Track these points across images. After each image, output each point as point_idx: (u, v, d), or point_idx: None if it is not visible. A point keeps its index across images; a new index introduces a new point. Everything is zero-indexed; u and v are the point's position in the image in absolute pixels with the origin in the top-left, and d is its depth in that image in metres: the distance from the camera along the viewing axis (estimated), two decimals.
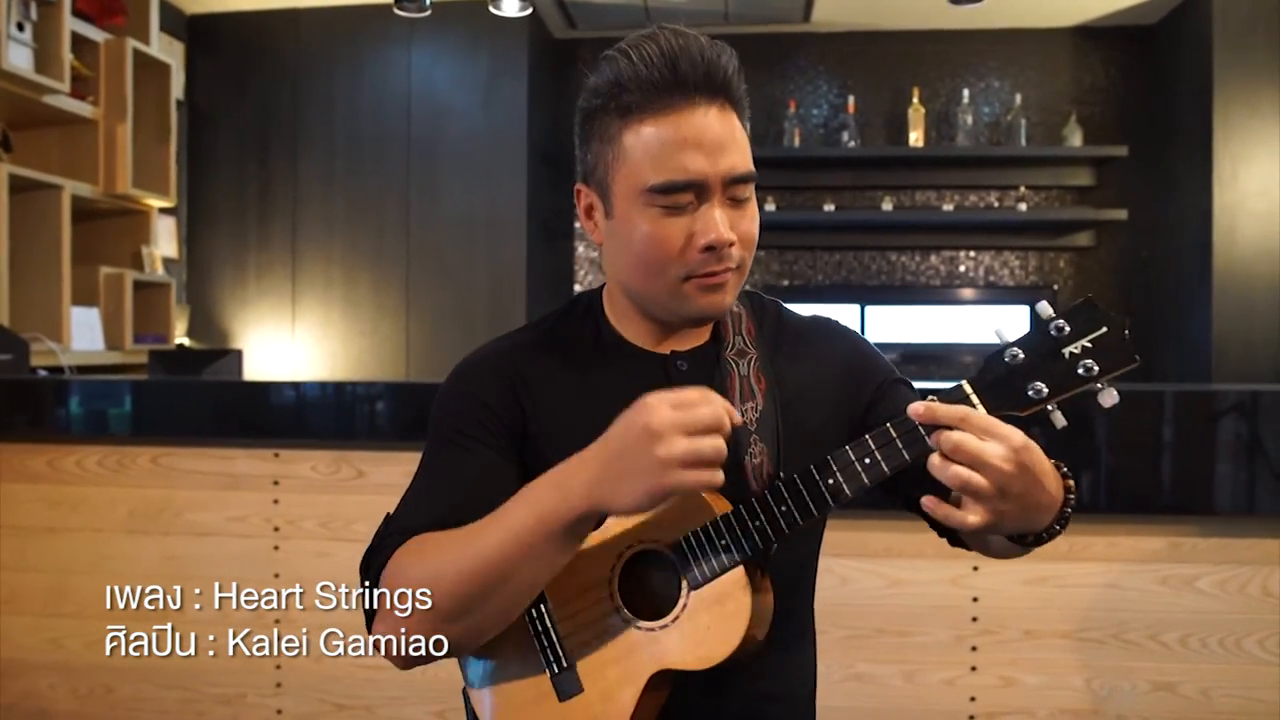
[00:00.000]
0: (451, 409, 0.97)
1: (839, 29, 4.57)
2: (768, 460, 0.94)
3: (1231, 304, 3.96)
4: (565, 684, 0.90)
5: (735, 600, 0.87)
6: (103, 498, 2.17)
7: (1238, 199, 3.99)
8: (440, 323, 4.18)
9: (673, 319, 0.95)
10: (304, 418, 2.10)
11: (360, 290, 4.22)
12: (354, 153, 4.20)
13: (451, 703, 2.08)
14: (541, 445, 0.94)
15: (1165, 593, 1.92)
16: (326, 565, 2.09)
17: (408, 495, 0.96)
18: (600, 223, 0.95)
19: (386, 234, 4.19)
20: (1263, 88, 3.98)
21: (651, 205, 0.88)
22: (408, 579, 0.86)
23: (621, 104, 0.88)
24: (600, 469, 0.81)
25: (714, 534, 0.87)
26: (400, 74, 4.19)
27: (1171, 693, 1.92)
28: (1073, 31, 4.59)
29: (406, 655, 0.86)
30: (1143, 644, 1.94)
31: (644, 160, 0.88)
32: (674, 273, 0.89)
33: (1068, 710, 1.94)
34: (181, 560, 2.13)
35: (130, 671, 2.15)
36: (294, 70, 4.23)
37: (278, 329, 4.24)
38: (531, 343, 0.99)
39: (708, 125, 0.87)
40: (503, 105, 4.13)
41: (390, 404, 2.09)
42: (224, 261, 4.26)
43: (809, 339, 1.02)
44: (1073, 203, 4.55)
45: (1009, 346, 0.80)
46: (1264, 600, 1.91)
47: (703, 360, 0.97)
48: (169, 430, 2.14)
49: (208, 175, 4.18)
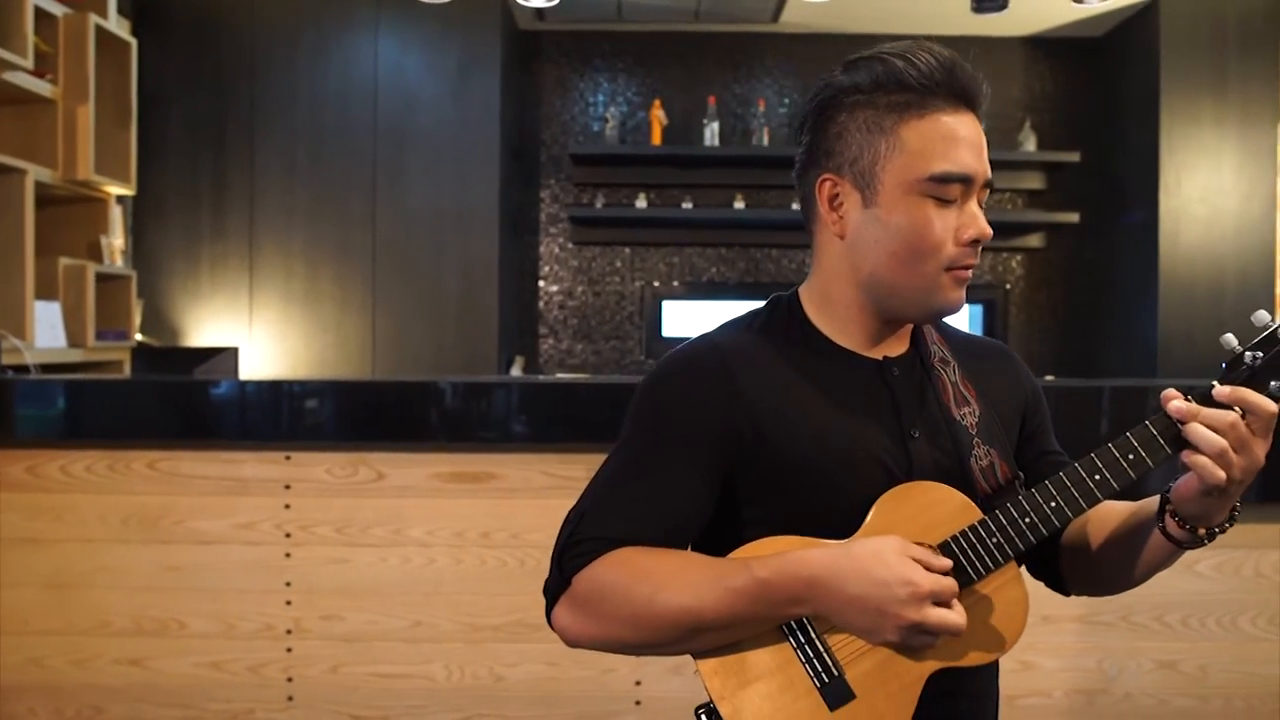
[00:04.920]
0: (666, 408, 0.96)
1: (807, 31, 4.63)
2: (999, 459, 0.97)
3: (1176, 303, 4.18)
4: (836, 693, 0.90)
5: (1014, 592, 0.91)
6: (92, 506, 2.03)
7: (1181, 205, 4.21)
8: (408, 319, 4.07)
9: (912, 312, 0.96)
10: (318, 418, 2.01)
11: (323, 285, 4.07)
12: (317, 142, 4.05)
13: (474, 710, 2.03)
14: (758, 445, 0.94)
15: (1169, 576, 1.97)
16: (343, 571, 2.01)
17: (607, 491, 0.95)
18: (852, 213, 0.95)
19: (352, 227, 4.05)
20: (1204, 101, 4.20)
21: (926, 195, 0.92)
22: (611, 596, 0.90)
23: (899, 100, 0.93)
24: (839, 594, 0.86)
25: (984, 533, 0.90)
26: (366, 61, 4.06)
27: (1174, 670, 2.02)
28: (1025, 41, 4.76)
29: (582, 646, 0.94)
30: (1148, 625, 2.03)
31: (925, 151, 0.92)
32: (937, 262, 0.92)
33: (1081, 690, 2.02)
34: (184, 570, 2.02)
35: (124, 691, 2.02)
36: (252, 54, 4.05)
37: (234, 325, 4.05)
38: (746, 343, 0.99)
39: (974, 128, 0.94)
40: (474, 97, 4.05)
41: (411, 404, 2.01)
42: (175, 254, 4.05)
43: (993, 358, 1.07)
44: (1025, 205, 4.73)
45: (1249, 349, 0.85)
46: (1257, 581, 2.03)
47: (911, 367, 1.00)
48: (168, 433, 2.02)
49: (158, 162, 3.96)
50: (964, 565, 0.89)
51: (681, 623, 0.88)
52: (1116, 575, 1.00)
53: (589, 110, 4.70)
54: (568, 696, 1.99)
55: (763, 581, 0.87)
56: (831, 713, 0.89)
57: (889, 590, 0.84)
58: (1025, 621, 0.92)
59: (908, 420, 0.96)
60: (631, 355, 4.73)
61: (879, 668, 0.89)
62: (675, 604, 0.88)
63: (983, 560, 0.89)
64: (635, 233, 4.69)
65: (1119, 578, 1.01)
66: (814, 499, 0.92)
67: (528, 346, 4.71)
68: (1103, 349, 4.64)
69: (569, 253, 4.75)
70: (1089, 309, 4.75)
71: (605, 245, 4.73)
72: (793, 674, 0.90)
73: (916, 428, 0.96)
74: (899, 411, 0.96)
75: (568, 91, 4.69)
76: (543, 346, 4.74)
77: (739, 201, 4.57)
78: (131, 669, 2.02)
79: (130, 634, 2.02)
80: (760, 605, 0.87)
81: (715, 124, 4.51)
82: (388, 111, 4.05)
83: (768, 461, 0.93)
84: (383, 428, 1.99)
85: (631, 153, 4.53)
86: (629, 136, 4.65)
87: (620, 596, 0.89)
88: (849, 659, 0.90)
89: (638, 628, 0.89)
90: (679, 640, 0.90)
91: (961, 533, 0.90)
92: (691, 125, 4.63)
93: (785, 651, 0.90)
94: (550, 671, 1.98)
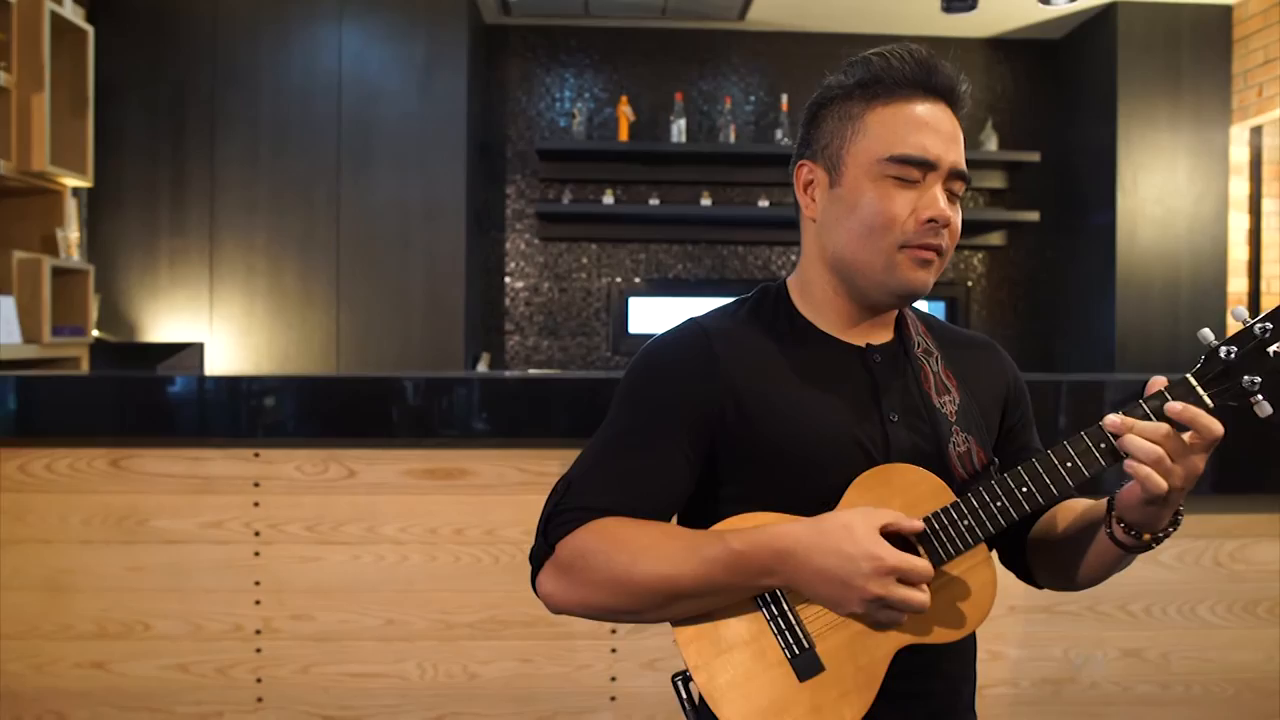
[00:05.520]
0: (652, 385, 0.99)
1: (773, 29, 4.65)
2: (976, 447, 0.99)
3: (1132, 301, 4.28)
4: (806, 665, 0.92)
5: (983, 573, 0.94)
6: (52, 505, 1.98)
7: (1138, 205, 4.31)
8: (373, 315, 4.02)
9: (876, 294, 0.98)
10: (288, 414, 1.97)
11: (286, 280, 4.00)
12: (280, 134, 3.97)
13: (448, 708, 2.01)
14: (739, 424, 0.96)
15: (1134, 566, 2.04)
16: (314, 570, 1.98)
17: (594, 463, 0.98)
18: (820, 195, 0.99)
19: (316, 221, 3.99)
20: (1159, 103, 4.30)
21: (885, 175, 0.94)
22: (593, 562, 0.93)
23: (870, 91, 0.97)
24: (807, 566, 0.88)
25: (956, 515, 0.92)
26: (330, 52, 4.00)
27: (1138, 658, 2.07)
28: (986, 43, 4.83)
29: (565, 612, 0.96)
30: (1113, 614, 2.08)
31: (885, 133, 0.95)
32: (893, 238, 0.94)
33: (1048, 680, 2.06)
34: (148, 570, 1.97)
35: (87, 695, 1.97)
36: (213, 43, 3.96)
37: (194, 321, 3.96)
38: (732, 327, 1.01)
39: (945, 119, 0.97)
40: (440, 90, 4.00)
41: (384, 399, 1.98)
42: (132, 247, 3.95)
43: (977, 350, 1.09)
44: (987, 204, 4.80)
45: (1225, 344, 0.86)
46: (1215, 570, 2.09)
47: (893, 355, 1.01)
48: (132, 430, 1.97)
49: (114, 153, 3.85)
50: (935, 545, 0.91)
51: (659, 589, 0.91)
52: (1073, 572, 1.03)
53: (555, 106, 4.68)
54: (542, 693, 1.98)
55: (736, 553, 0.89)
56: (801, 683, 0.91)
57: (854, 564, 0.86)
58: (993, 603, 0.94)
59: (887, 405, 0.98)
60: (598, 351, 4.72)
61: (848, 642, 0.92)
62: (653, 572, 0.90)
63: (954, 541, 0.91)
64: (602, 229, 4.68)
65: (1076, 575, 1.03)
66: (792, 478, 0.94)
67: (494, 343, 4.68)
68: (1062, 345, 4.74)
69: (535, 249, 4.72)
70: (1049, 306, 4.85)
71: (572, 241, 4.71)
72: (765, 644, 0.92)
73: (896, 412, 0.98)
74: (878, 396, 0.98)
75: (534, 87, 4.66)
76: (509, 343, 4.71)
77: (705, 198, 4.58)
78: (95, 672, 1.97)
79: (93, 637, 1.97)
80: (733, 575, 0.90)
81: (682, 121, 4.51)
82: (352, 104, 3.99)
83: (749, 440, 0.95)
84: (354, 424, 1.96)
85: (599, 149, 4.52)
86: (596, 132, 4.64)
87: (601, 563, 0.91)
88: (820, 632, 0.92)
89: (616, 594, 0.92)
90: (657, 607, 0.92)
91: (935, 514, 0.92)
92: (658, 122, 4.63)
93: (759, 623, 0.93)
94: (524, 668, 1.97)
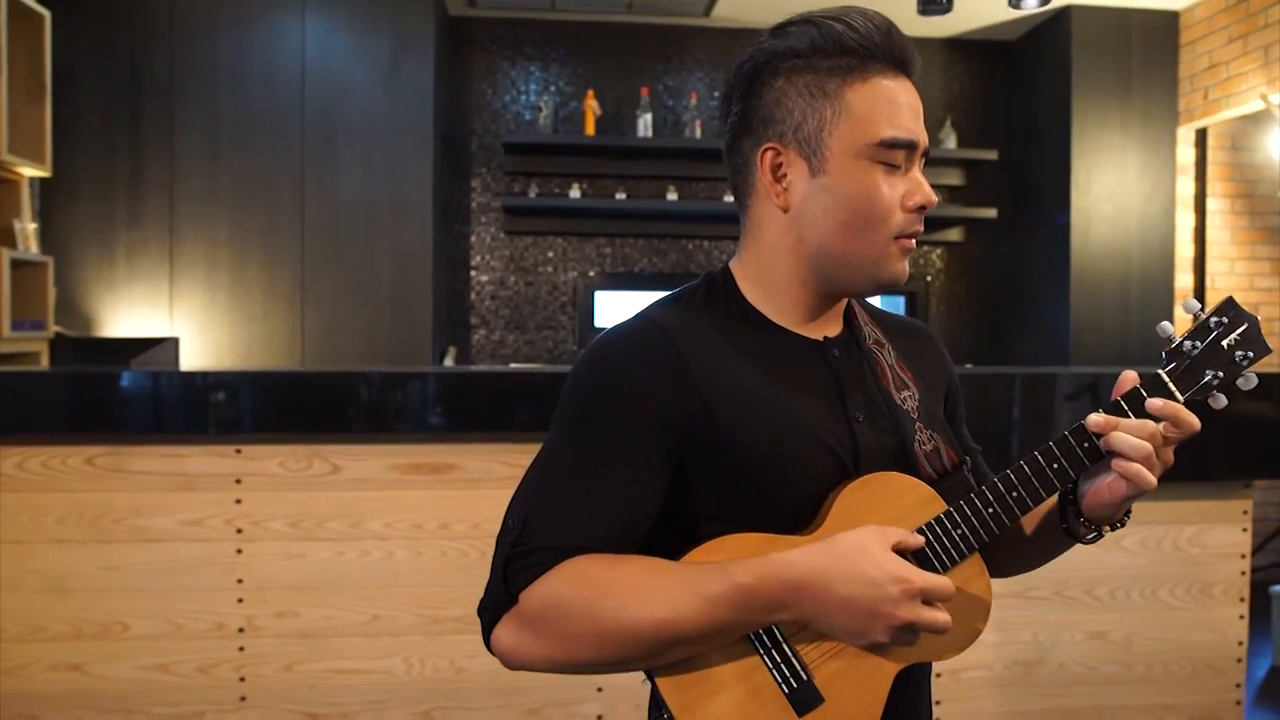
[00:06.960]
0: (613, 395, 0.86)
1: (738, 25, 4.69)
2: (943, 444, 0.94)
3: (1085, 296, 4.42)
4: (804, 698, 0.85)
5: (978, 584, 0.89)
6: (24, 505, 1.93)
7: (1092, 203, 4.44)
8: (338, 310, 3.97)
9: (859, 285, 0.92)
10: (270, 409, 1.95)
11: (249, 273, 3.93)
12: (241, 124, 3.90)
13: (435, 703, 2.01)
14: (709, 430, 0.87)
15: (1098, 552, 2.14)
16: (297, 566, 1.96)
17: (551, 493, 0.85)
18: (798, 183, 0.89)
19: (280, 214, 3.92)
20: (1111, 104, 4.44)
21: (875, 162, 0.87)
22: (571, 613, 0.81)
23: (839, 64, 0.88)
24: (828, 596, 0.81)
25: (950, 524, 0.87)
26: (294, 43, 3.93)
27: (1103, 640, 2.16)
28: (944, 43, 4.93)
29: (528, 669, 0.84)
30: (1079, 598, 2.16)
31: (871, 116, 0.87)
32: (887, 230, 0.88)
33: (1019, 662, 2.14)
34: (125, 570, 1.94)
35: (62, 697, 1.94)
36: (170, 29, 3.86)
37: (153, 315, 3.87)
38: (688, 321, 0.91)
39: (913, 93, 0.90)
40: (407, 83, 3.96)
41: (368, 394, 1.97)
42: (87, 239, 3.85)
43: (921, 341, 1.04)
44: (946, 201, 4.90)
45: (1189, 338, 0.87)
46: (1174, 554, 2.19)
47: (848, 348, 0.96)
48: (109, 427, 1.92)
49: (68, 142, 3.74)
50: (930, 557, 0.87)
51: (656, 637, 0.80)
52: (1014, 562, 1.02)
53: (521, 99, 4.66)
54: (529, 686, 1.99)
55: (744, 587, 0.80)
56: (800, 718, 0.85)
57: (881, 589, 0.80)
58: (988, 613, 0.90)
59: (853, 404, 0.92)
60: (564, 346, 4.72)
61: (847, 669, 0.86)
62: (647, 617, 0.80)
63: (948, 552, 0.87)
64: (568, 223, 4.68)
65: (1013, 563, 1.02)
66: (763, 484, 0.86)
67: (459, 337, 4.65)
68: (1018, 338, 4.87)
69: (500, 242, 4.70)
70: (1005, 300, 4.97)
71: (538, 235, 4.70)
72: (759, 681, 0.84)
73: (860, 411, 0.92)
74: (843, 394, 0.92)
75: (499, 80, 4.64)
76: (474, 337, 4.69)
77: (672, 193, 4.60)
78: (70, 675, 1.93)
79: (68, 638, 1.93)
80: (742, 613, 0.81)
81: (648, 115, 4.53)
82: (316, 95, 3.93)
83: (719, 447, 0.86)
84: (338, 419, 1.94)
85: (565, 142, 4.51)
86: (562, 126, 4.63)
87: (581, 613, 0.80)
88: (816, 661, 0.85)
89: (603, 645, 0.81)
90: (650, 655, 0.82)
91: (928, 524, 0.87)
92: (624, 116, 4.64)
93: (749, 658, 0.85)
94: None
